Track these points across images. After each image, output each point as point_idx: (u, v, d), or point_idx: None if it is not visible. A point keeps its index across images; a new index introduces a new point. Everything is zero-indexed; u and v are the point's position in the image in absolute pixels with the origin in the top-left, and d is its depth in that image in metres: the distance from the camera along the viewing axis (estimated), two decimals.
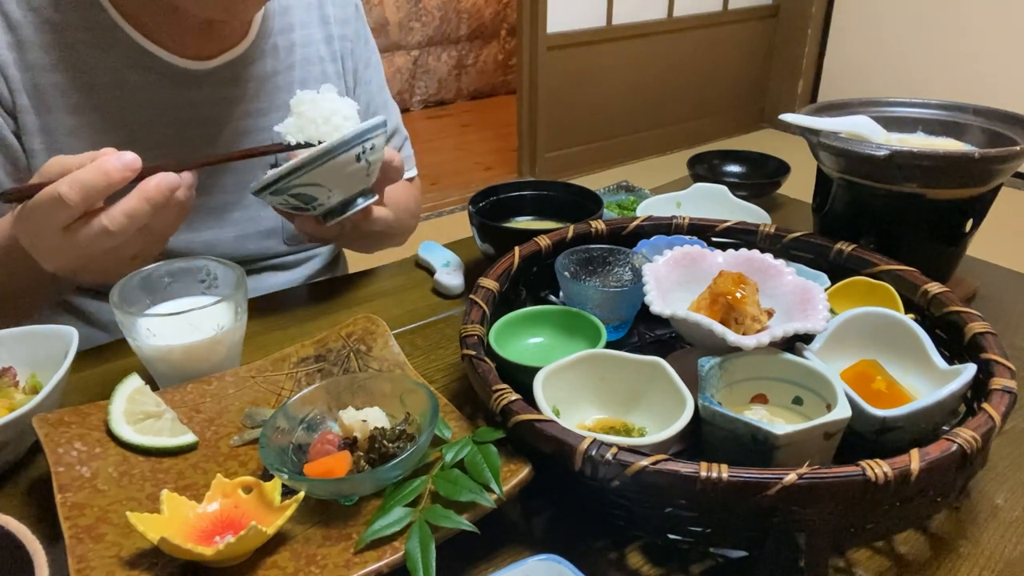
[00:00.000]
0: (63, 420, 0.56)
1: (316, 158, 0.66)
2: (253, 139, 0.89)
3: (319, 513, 0.51)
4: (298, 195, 0.69)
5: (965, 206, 0.75)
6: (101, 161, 0.61)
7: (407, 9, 4.24)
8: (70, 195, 0.60)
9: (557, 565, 0.45)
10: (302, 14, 0.92)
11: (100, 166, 0.61)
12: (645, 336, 0.75)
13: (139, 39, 0.79)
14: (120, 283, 0.65)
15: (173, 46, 0.81)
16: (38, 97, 0.76)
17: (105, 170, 0.61)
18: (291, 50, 0.91)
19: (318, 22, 0.94)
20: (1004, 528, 0.54)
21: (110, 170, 0.61)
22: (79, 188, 0.60)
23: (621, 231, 0.78)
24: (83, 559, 0.46)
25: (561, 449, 0.48)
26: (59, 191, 0.60)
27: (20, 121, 0.76)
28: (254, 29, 0.87)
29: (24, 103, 0.76)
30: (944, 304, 0.64)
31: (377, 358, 0.66)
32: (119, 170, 0.61)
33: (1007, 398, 0.52)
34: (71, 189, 0.60)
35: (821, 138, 0.75)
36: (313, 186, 0.68)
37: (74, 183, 0.60)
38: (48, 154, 0.78)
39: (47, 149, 0.78)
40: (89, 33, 0.77)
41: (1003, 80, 3.34)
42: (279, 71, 0.89)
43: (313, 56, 0.93)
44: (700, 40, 3.81)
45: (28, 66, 0.75)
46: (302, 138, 0.68)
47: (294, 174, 0.67)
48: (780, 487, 0.44)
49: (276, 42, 0.89)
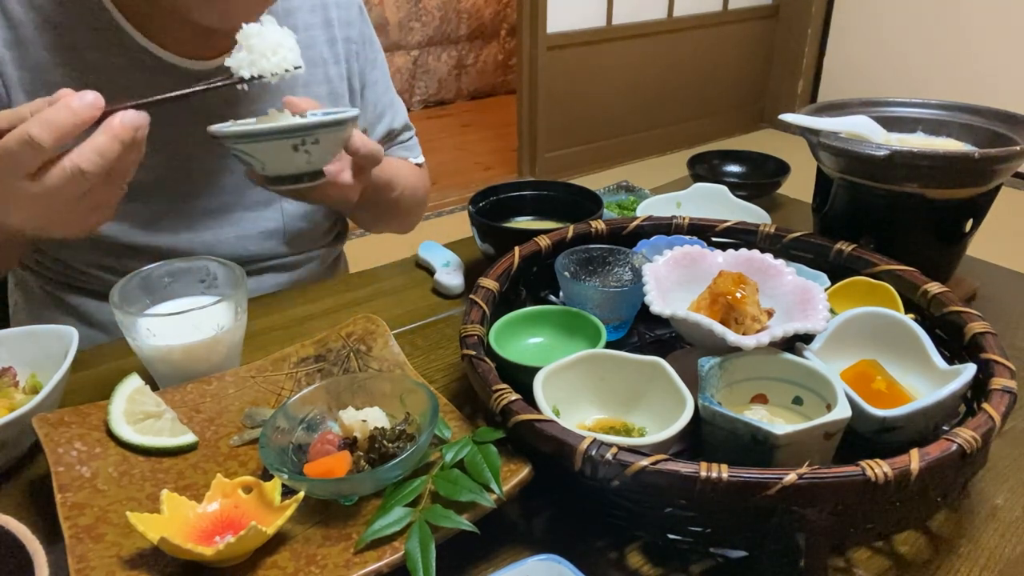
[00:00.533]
0: (63, 420, 0.56)
1: (244, 135, 0.67)
2: None
3: (319, 513, 0.51)
4: (236, 155, 0.70)
5: (965, 206, 0.75)
6: (66, 100, 0.60)
7: (407, 9, 4.24)
8: (41, 135, 0.58)
9: (557, 565, 0.45)
10: (306, 16, 0.92)
11: (66, 104, 0.59)
12: (645, 336, 0.75)
13: (141, 39, 0.79)
14: (120, 283, 0.65)
15: (175, 46, 0.81)
16: (37, 96, 0.76)
17: (72, 108, 0.59)
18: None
19: (322, 25, 0.94)
20: (1004, 528, 0.54)
21: (76, 108, 0.59)
22: (49, 127, 0.58)
23: (621, 231, 0.78)
24: (83, 559, 0.46)
25: (561, 449, 0.48)
26: (29, 132, 0.58)
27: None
28: None
29: (21, 102, 0.75)
30: (944, 304, 0.64)
31: (377, 358, 0.66)
32: (85, 108, 0.60)
33: (1007, 398, 0.52)
34: (42, 129, 0.58)
35: (821, 138, 0.76)
36: (247, 155, 0.69)
37: (43, 123, 0.58)
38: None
39: None
40: (91, 33, 0.77)
41: (1003, 80, 3.34)
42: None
43: (317, 58, 0.93)
44: (700, 40, 3.81)
45: (28, 65, 0.75)
46: (255, 71, 0.68)
47: (228, 139, 0.67)
48: (780, 487, 0.44)
49: None
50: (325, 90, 0.95)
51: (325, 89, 0.95)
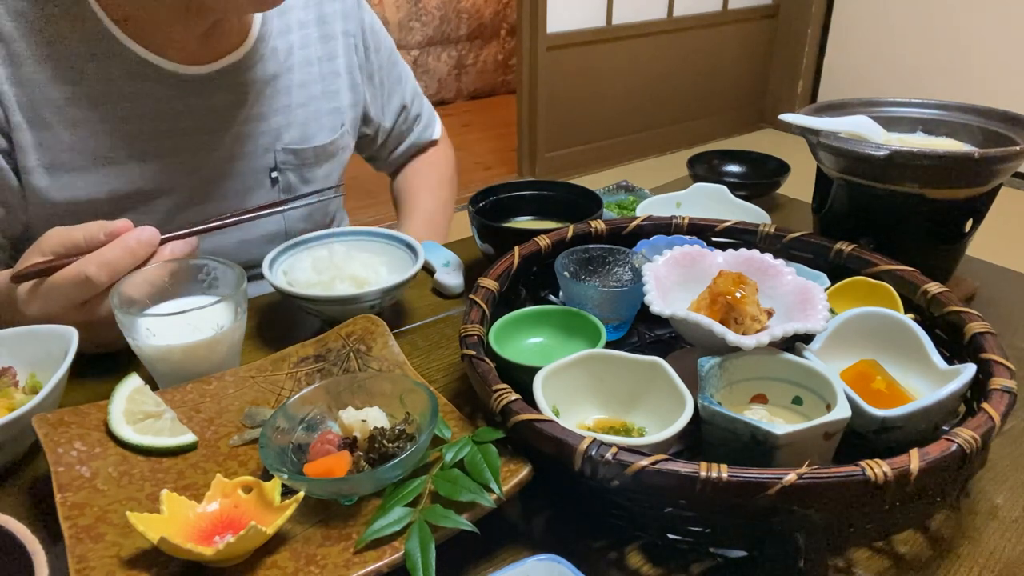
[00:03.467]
0: (63, 420, 0.56)
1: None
2: (254, 144, 0.89)
3: (319, 513, 0.51)
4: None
5: (965, 206, 0.75)
6: (124, 239, 0.62)
7: (407, 9, 4.25)
8: (99, 276, 0.61)
9: (557, 565, 0.45)
10: (300, 14, 0.92)
11: (124, 244, 0.62)
12: (645, 336, 0.75)
13: (136, 48, 0.78)
14: (120, 283, 0.65)
15: (170, 53, 0.80)
16: (34, 112, 0.75)
17: (130, 247, 0.62)
18: (290, 52, 0.90)
19: (315, 22, 0.93)
20: (1004, 528, 0.54)
21: (134, 247, 0.63)
22: (107, 269, 0.61)
23: (621, 231, 0.78)
24: (83, 559, 0.46)
25: (561, 449, 0.48)
26: (87, 273, 0.61)
27: (14, 139, 0.75)
28: (253, 33, 0.86)
29: (18, 120, 0.75)
30: (944, 304, 0.64)
31: (377, 358, 0.66)
32: (143, 247, 0.63)
33: (1007, 398, 0.52)
34: (100, 270, 0.61)
35: (821, 138, 0.75)
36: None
37: (102, 264, 0.61)
38: (46, 170, 0.77)
39: (44, 165, 0.77)
40: (85, 45, 0.76)
41: (1003, 80, 3.34)
42: (279, 74, 0.89)
43: (312, 57, 0.93)
44: (700, 40, 3.81)
45: (22, 81, 0.74)
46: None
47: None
48: (780, 487, 0.44)
49: (275, 45, 0.88)
50: (320, 88, 0.94)
51: (320, 88, 0.94)
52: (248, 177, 0.89)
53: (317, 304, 0.74)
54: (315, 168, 0.96)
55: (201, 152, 0.84)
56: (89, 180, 0.79)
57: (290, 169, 0.93)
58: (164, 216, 0.84)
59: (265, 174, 0.91)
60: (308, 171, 0.96)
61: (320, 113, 0.95)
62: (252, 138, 0.88)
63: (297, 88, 0.91)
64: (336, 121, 0.98)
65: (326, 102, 0.96)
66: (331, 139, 0.97)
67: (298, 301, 0.74)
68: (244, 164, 0.89)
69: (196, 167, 0.85)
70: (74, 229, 0.64)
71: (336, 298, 0.73)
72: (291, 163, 0.93)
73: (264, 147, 0.90)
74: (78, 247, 0.64)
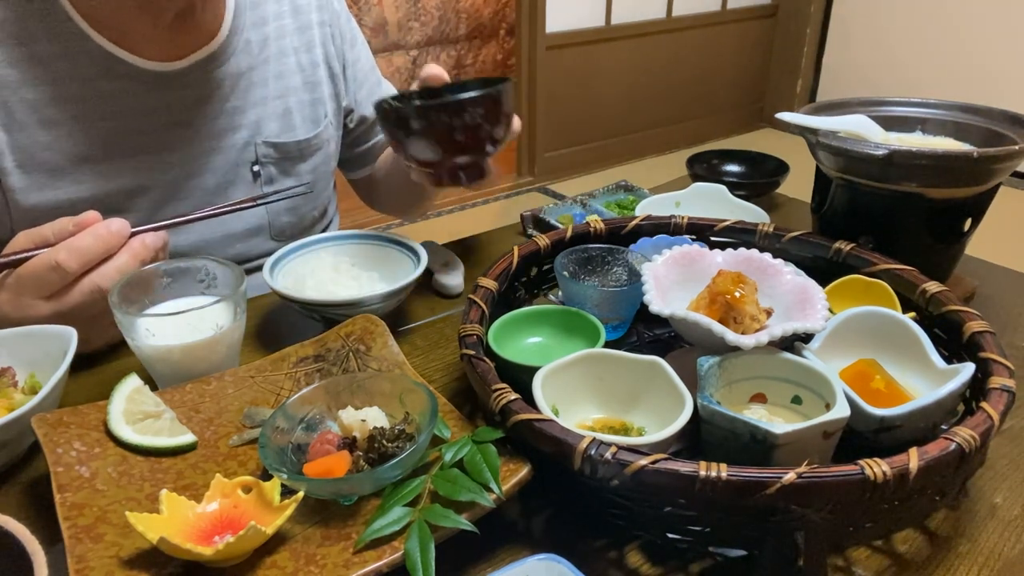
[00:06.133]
0: (62, 420, 0.56)
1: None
2: (232, 138, 0.88)
3: (318, 513, 0.51)
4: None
5: (964, 206, 0.75)
6: (94, 228, 0.63)
7: (406, 9, 4.24)
8: (69, 262, 0.61)
9: (557, 565, 0.45)
10: (274, 6, 0.91)
11: (94, 232, 0.62)
12: (644, 335, 0.75)
13: (108, 46, 0.77)
14: (119, 283, 0.65)
15: (143, 49, 0.79)
16: (8, 115, 0.74)
17: (100, 235, 0.62)
18: (265, 44, 0.89)
19: (290, 12, 0.92)
20: (1003, 527, 0.54)
21: (104, 235, 0.63)
22: (77, 255, 0.61)
23: (620, 231, 0.78)
24: (82, 559, 0.46)
25: (560, 448, 0.48)
26: (56, 259, 0.61)
27: None
28: (225, 25, 0.85)
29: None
30: (943, 303, 0.64)
31: (376, 358, 0.66)
32: (113, 236, 0.63)
33: (1006, 397, 0.52)
34: (69, 256, 0.61)
35: (820, 137, 0.76)
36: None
37: (72, 250, 0.61)
38: (22, 172, 0.77)
39: (21, 167, 0.76)
40: (56, 44, 0.75)
41: (1003, 80, 3.34)
42: (254, 67, 0.88)
43: (287, 48, 0.92)
44: (699, 40, 3.81)
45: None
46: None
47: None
48: (779, 486, 0.44)
49: (249, 37, 0.88)
50: (299, 80, 0.94)
51: (299, 79, 0.94)
52: (229, 171, 0.88)
53: (318, 308, 0.74)
54: (299, 162, 0.95)
55: (179, 148, 0.84)
56: (68, 180, 0.78)
57: (272, 163, 0.92)
58: (147, 214, 0.84)
59: (246, 168, 0.90)
60: (292, 165, 0.94)
61: (302, 104, 0.94)
62: (230, 132, 0.87)
63: (274, 80, 0.90)
64: (318, 112, 0.96)
65: (307, 93, 0.95)
66: (315, 132, 0.96)
67: (298, 305, 0.74)
68: (223, 158, 0.88)
69: (175, 163, 0.84)
70: (42, 227, 0.64)
71: (337, 303, 0.73)
72: (272, 157, 0.92)
73: (243, 141, 0.89)
74: (47, 242, 0.63)
